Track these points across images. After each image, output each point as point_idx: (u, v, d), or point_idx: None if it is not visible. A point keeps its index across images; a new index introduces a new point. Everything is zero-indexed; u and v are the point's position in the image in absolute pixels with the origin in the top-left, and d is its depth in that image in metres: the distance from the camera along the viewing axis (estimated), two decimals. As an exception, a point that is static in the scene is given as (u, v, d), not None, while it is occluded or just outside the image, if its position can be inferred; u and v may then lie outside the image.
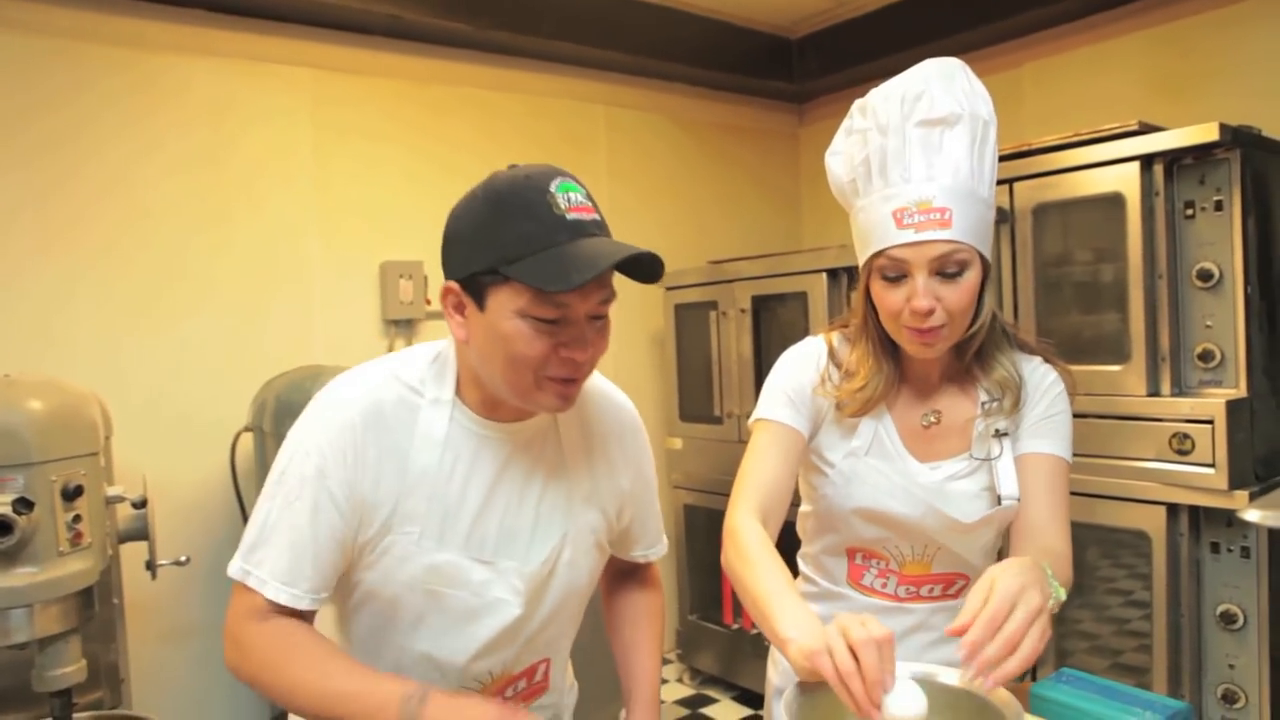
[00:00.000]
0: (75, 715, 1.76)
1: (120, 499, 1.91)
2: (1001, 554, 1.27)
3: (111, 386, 2.37)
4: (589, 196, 1.04)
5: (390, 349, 3.11)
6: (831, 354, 1.29)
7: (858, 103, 1.23)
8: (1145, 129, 2.18)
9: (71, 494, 1.69)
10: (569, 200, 1.00)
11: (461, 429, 1.10)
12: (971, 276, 1.14)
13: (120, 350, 2.62)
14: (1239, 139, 2.05)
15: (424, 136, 3.21)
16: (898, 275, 1.15)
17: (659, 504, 1.35)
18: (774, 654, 1.44)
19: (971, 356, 1.24)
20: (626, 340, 3.86)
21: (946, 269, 1.13)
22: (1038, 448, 1.23)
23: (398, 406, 1.08)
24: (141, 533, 2.04)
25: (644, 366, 3.92)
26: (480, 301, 1.01)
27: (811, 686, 0.96)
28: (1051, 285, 2.37)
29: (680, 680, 3.75)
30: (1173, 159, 2.13)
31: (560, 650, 1.27)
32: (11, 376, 1.84)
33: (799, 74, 3.97)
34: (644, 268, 1.02)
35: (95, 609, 1.82)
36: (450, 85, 3.29)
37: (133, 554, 2.18)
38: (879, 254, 1.16)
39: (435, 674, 1.12)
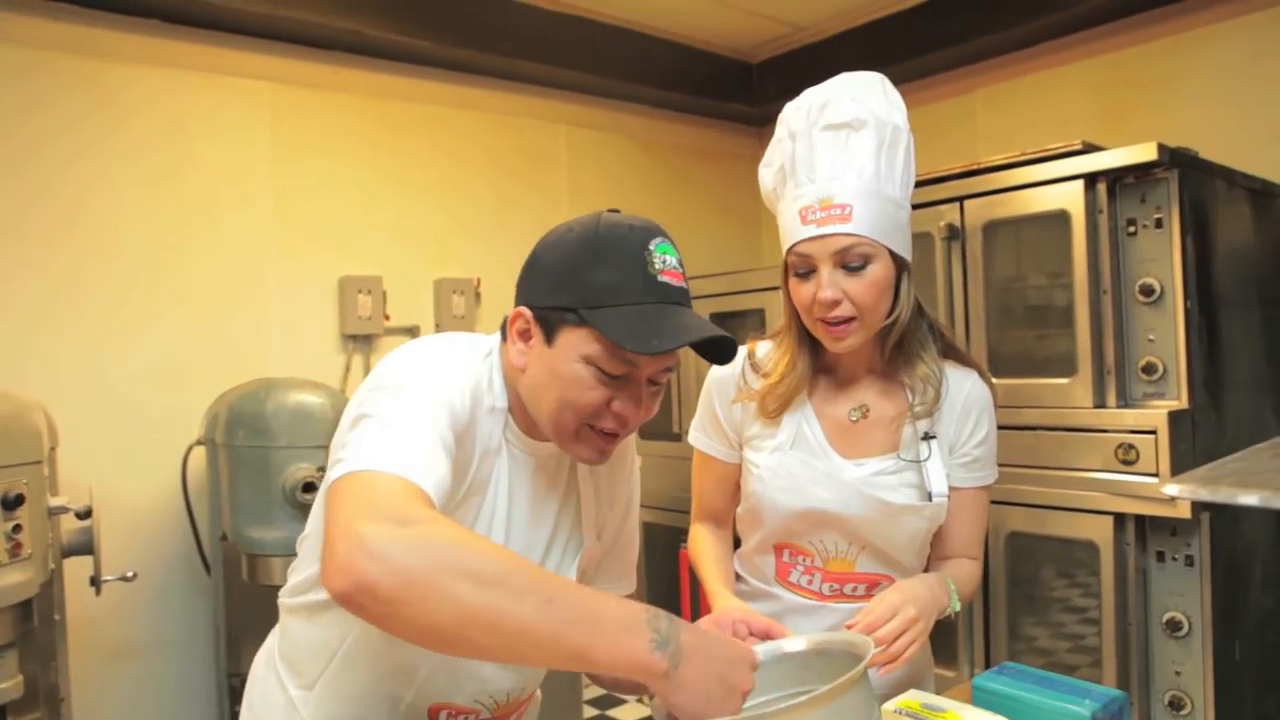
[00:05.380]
0: (11, 733, 1.72)
1: (64, 510, 1.88)
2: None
3: (62, 399, 2.33)
4: (681, 263, 1.03)
5: (348, 365, 3.08)
6: (751, 361, 1.34)
7: (781, 114, 1.30)
8: (1088, 148, 2.24)
9: (12, 503, 1.66)
10: (665, 263, 0.99)
11: (505, 440, 1.07)
12: (876, 270, 1.19)
13: (72, 362, 2.57)
14: (1176, 159, 2.12)
15: (384, 152, 3.21)
16: (807, 270, 1.21)
17: (638, 542, 1.32)
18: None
19: (892, 350, 1.27)
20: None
21: (849, 262, 1.18)
22: (972, 482, 1.29)
23: (477, 399, 1.02)
24: (87, 546, 1.99)
25: (605, 384, 3.93)
26: (550, 336, 0.99)
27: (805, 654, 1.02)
28: (1002, 300, 2.43)
29: (640, 701, 3.72)
30: (1115, 178, 2.20)
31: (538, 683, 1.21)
32: (-48, 384, 1.80)
33: (759, 97, 4.03)
34: (718, 349, 1.01)
35: (35, 623, 1.78)
36: (411, 102, 3.29)
37: (76, 569, 2.13)
38: (790, 251, 1.23)
39: (451, 686, 1.05)
